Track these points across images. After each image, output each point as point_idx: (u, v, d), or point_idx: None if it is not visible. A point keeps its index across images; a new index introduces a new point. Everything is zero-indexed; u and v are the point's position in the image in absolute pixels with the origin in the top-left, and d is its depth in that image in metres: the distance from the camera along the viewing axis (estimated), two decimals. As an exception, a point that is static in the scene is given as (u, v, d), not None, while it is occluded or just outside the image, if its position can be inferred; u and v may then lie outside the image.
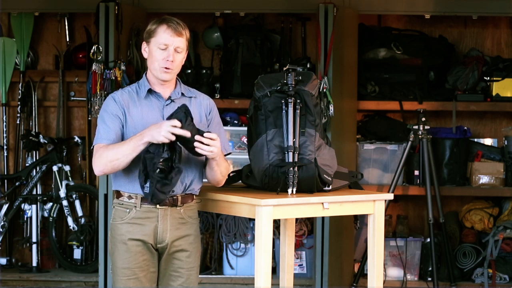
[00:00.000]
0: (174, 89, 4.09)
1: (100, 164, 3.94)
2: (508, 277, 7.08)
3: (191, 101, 4.12)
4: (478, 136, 7.55)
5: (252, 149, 4.23)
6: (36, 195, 7.42)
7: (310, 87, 4.22)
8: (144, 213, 4.01)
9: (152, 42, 3.99)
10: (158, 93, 4.06)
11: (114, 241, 4.05)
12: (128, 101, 4.02)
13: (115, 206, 4.06)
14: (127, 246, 4.00)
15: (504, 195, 7.22)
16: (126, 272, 4.01)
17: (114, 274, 4.05)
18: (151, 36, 4.00)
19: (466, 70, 7.15)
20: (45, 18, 7.70)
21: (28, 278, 7.24)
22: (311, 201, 4.09)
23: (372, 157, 7.18)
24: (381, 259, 4.27)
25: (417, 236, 7.26)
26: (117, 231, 4.03)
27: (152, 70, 4.03)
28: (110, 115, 3.99)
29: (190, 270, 4.12)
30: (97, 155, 3.95)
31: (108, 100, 4.04)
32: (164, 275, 4.12)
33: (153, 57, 4.00)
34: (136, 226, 4.00)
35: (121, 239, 4.01)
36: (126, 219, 4.00)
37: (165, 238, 4.03)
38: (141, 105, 4.03)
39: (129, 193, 4.01)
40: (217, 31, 7.38)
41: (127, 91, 4.07)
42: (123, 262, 4.01)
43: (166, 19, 4.01)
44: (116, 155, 3.89)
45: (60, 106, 7.64)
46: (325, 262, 6.50)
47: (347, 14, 6.79)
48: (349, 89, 6.95)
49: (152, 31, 4.00)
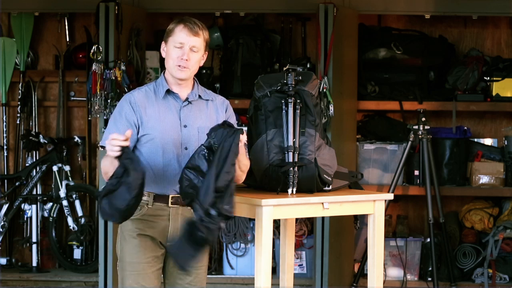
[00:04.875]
0: (192, 90, 4.11)
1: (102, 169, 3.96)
2: (508, 277, 7.08)
3: (208, 104, 4.13)
4: (478, 136, 7.55)
5: (252, 149, 4.23)
6: (36, 195, 7.42)
7: (310, 87, 4.22)
8: (156, 211, 4.03)
9: (169, 41, 4.03)
10: (176, 93, 4.07)
11: (123, 236, 4.06)
12: (144, 101, 4.03)
13: None
14: (137, 241, 4.02)
15: (504, 195, 7.22)
16: (135, 266, 4.01)
17: (123, 270, 4.05)
18: (169, 35, 4.03)
19: (466, 70, 7.15)
20: (45, 18, 7.70)
21: (28, 278, 7.24)
22: (311, 201, 4.09)
23: (372, 157, 7.18)
24: (381, 259, 4.27)
25: (417, 236, 7.26)
26: (127, 227, 4.03)
27: (168, 68, 4.06)
28: (123, 117, 4.01)
29: (199, 269, 4.12)
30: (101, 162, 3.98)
31: (123, 102, 4.05)
32: (172, 273, 4.12)
33: (169, 56, 4.03)
34: (147, 223, 4.02)
35: (131, 234, 4.03)
36: (137, 216, 4.01)
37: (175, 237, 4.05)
38: (158, 105, 4.04)
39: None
40: (217, 31, 7.38)
41: (144, 91, 4.08)
42: (132, 257, 4.02)
43: (184, 19, 4.05)
44: (104, 169, 3.92)
45: (60, 106, 7.64)
46: (325, 262, 6.50)
47: (347, 14, 6.80)
48: (349, 89, 6.95)
49: (170, 30, 4.03)
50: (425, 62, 7.29)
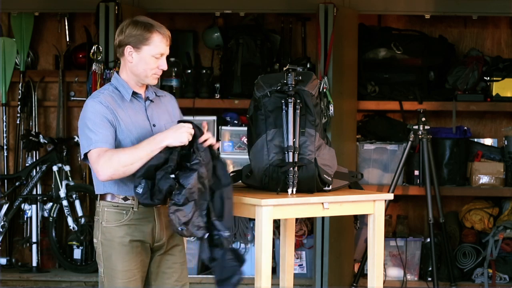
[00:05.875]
0: (147, 89, 4.06)
1: (110, 168, 3.80)
2: (508, 277, 7.08)
3: (162, 99, 4.11)
4: (478, 136, 7.55)
5: (252, 149, 4.23)
6: (36, 195, 7.42)
7: (310, 87, 4.22)
8: (142, 214, 3.98)
9: (145, 50, 3.93)
10: (139, 94, 4.02)
11: (111, 244, 3.98)
12: (114, 104, 3.93)
13: (106, 209, 3.98)
14: (128, 248, 3.97)
15: (504, 195, 7.22)
16: (128, 274, 3.97)
17: (113, 277, 3.98)
18: (143, 43, 3.92)
19: (466, 70, 7.15)
20: (45, 18, 7.70)
21: (28, 278, 7.24)
22: (311, 201, 4.09)
23: (372, 157, 7.18)
24: (381, 259, 4.27)
25: (417, 236, 7.26)
26: (115, 233, 3.97)
27: (139, 75, 3.96)
28: (103, 118, 3.87)
29: (183, 264, 4.13)
30: (103, 159, 3.81)
31: (94, 103, 3.90)
32: (157, 274, 4.09)
33: (146, 64, 3.94)
34: (135, 227, 3.98)
35: (121, 241, 3.96)
36: (125, 221, 3.96)
37: (163, 236, 4.03)
38: (126, 108, 3.96)
39: (124, 195, 3.96)
40: (217, 31, 7.38)
41: (108, 94, 3.96)
42: (125, 265, 3.97)
43: (154, 26, 3.95)
44: (130, 160, 3.79)
45: (60, 106, 7.64)
46: (325, 262, 6.50)
47: (347, 14, 6.80)
48: (349, 89, 6.95)
49: (146, 39, 3.92)
50: (425, 62, 7.29)
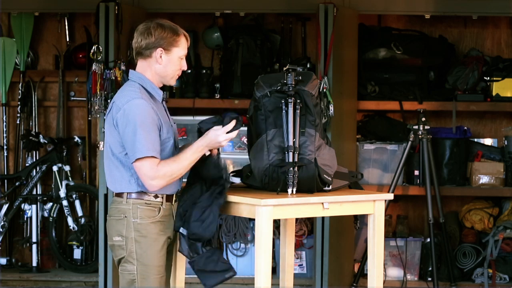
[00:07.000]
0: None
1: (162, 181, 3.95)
2: (508, 277, 7.08)
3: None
4: (478, 136, 7.55)
5: (252, 149, 4.23)
6: (36, 195, 7.42)
7: (310, 87, 4.22)
8: (168, 211, 4.11)
9: (174, 52, 4.07)
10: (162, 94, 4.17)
11: (146, 240, 4.05)
12: (152, 105, 4.04)
13: (138, 206, 4.04)
14: (162, 243, 4.08)
15: (504, 195, 7.22)
16: (160, 270, 4.08)
17: (148, 274, 4.04)
18: (173, 45, 4.06)
19: (466, 70, 7.15)
20: (45, 18, 7.70)
21: (28, 278, 7.24)
22: (311, 201, 4.09)
23: (372, 157, 7.18)
24: (381, 259, 4.27)
25: (417, 236, 7.26)
26: (150, 230, 4.05)
27: (167, 76, 4.10)
28: (152, 120, 3.98)
29: None
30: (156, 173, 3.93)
31: (145, 106, 3.97)
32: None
33: (175, 66, 4.09)
34: (164, 224, 4.09)
35: (156, 237, 4.06)
36: (157, 218, 4.06)
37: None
38: (159, 109, 4.08)
39: (155, 193, 4.04)
40: (217, 31, 7.38)
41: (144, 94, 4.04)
42: (159, 260, 4.07)
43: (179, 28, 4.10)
44: (178, 170, 3.98)
45: (60, 106, 7.64)
46: (325, 262, 6.50)
47: (347, 14, 6.79)
48: (349, 89, 6.95)
49: (176, 41, 4.07)
50: (425, 62, 7.29)
